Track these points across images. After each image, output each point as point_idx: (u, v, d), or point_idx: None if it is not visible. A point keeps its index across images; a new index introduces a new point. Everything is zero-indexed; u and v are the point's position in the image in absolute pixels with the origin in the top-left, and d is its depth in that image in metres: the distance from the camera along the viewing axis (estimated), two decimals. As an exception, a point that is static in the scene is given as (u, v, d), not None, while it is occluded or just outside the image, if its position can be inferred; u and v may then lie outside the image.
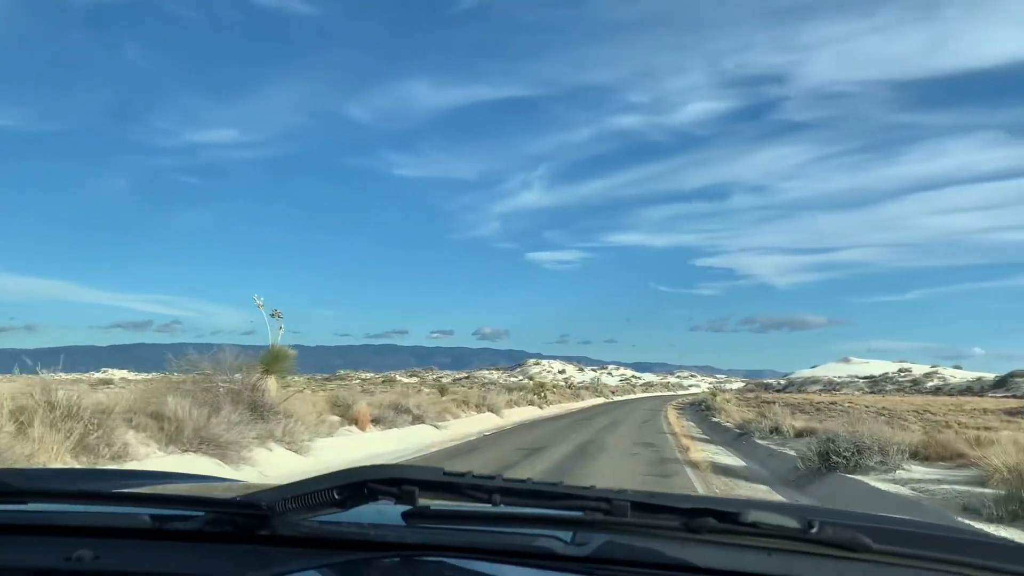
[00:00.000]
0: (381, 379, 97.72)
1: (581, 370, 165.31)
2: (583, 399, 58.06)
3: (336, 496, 1.23)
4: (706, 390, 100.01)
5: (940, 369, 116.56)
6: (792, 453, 14.70)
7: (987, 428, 28.17)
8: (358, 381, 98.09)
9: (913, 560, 1.11)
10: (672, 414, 36.91)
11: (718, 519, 1.11)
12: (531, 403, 39.44)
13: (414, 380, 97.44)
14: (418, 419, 21.10)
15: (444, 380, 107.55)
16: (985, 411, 42.15)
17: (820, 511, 1.59)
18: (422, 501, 1.22)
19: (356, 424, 18.51)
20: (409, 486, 1.21)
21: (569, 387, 70.07)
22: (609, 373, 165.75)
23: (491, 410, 30.16)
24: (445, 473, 1.24)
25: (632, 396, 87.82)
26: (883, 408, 35.08)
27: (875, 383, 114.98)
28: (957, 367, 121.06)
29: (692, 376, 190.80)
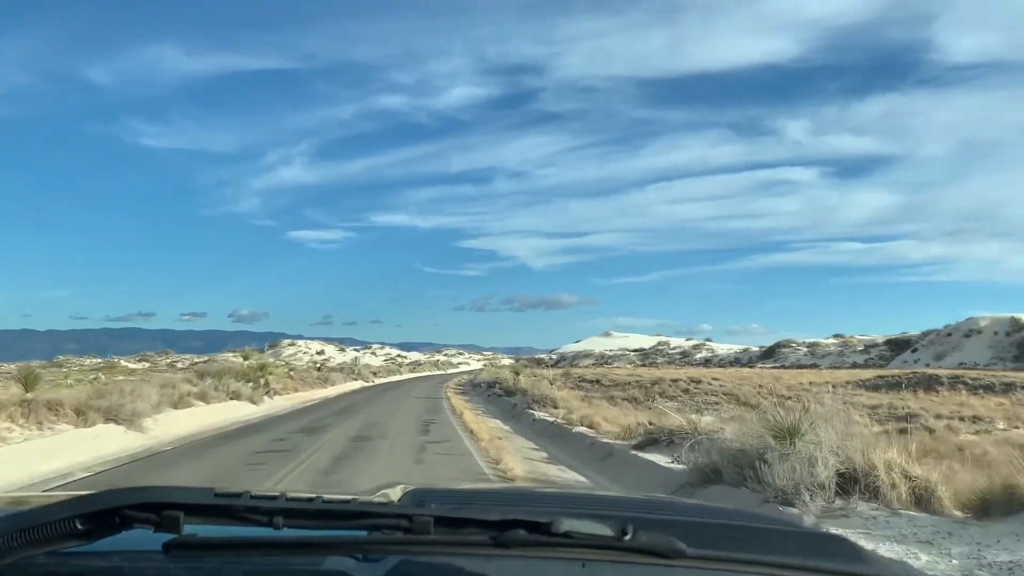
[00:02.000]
0: (103, 365, 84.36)
1: (343, 351, 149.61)
2: (332, 384, 43.68)
3: (79, 527, 0.99)
4: (479, 367, 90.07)
5: (707, 342, 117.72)
6: None
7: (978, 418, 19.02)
8: (77, 368, 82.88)
9: (725, 564, 1.07)
10: (463, 407, 24.11)
11: (529, 530, 1.02)
12: (235, 396, 24.44)
13: (144, 365, 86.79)
14: None
15: (179, 365, 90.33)
16: (814, 384, 35.49)
17: (647, 504, 1.63)
18: (189, 528, 1.01)
19: None
20: (171, 511, 1.00)
21: (318, 369, 54.88)
22: (373, 353, 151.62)
23: (116, 419, 15.12)
24: (217, 495, 1.04)
25: (398, 377, 74.53)
26: (757, 383, 25.40)
27: (646, 355, 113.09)
28: (708, 340, 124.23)
29: (460, 354, 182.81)
